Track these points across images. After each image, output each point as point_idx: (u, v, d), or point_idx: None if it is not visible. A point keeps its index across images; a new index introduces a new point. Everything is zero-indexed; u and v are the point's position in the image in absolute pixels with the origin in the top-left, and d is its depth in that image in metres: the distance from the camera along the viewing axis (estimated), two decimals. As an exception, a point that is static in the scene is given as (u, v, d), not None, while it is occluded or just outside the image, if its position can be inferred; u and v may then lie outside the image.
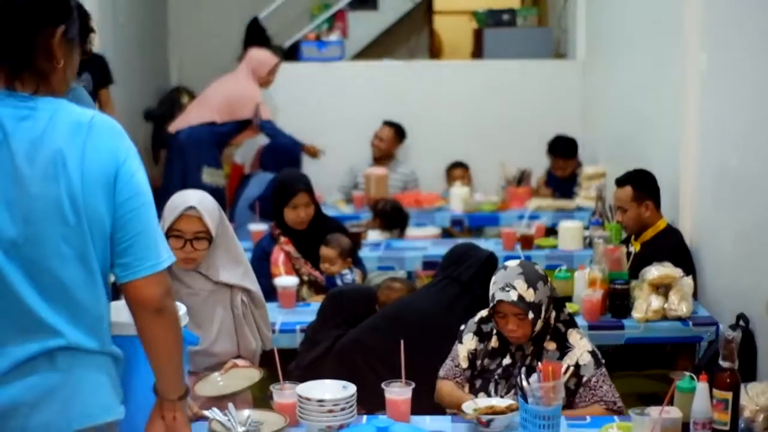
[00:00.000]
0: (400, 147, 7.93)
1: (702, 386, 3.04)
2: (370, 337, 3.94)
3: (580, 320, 4.33)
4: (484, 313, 3.57)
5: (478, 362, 3.49)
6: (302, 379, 3.33)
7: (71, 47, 2.30)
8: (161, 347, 2.34)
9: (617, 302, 4.40)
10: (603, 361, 3.44)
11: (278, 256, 4.97)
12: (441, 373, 3.55)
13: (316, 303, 4.50)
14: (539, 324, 3.37)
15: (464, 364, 3.51)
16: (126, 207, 2.25)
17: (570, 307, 4.37)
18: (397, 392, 3.15)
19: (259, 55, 7.68)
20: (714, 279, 4.66)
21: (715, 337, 4.23)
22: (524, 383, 3.03)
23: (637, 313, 4.33)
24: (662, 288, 4.36)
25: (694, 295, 4.47)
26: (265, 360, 3.63)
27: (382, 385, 3.17)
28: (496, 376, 3.42)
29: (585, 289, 4.42)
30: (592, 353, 3.41)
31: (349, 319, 4.14)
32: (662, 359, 4.99)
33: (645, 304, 4.32)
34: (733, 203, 4.46)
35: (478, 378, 3.47)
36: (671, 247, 4.70)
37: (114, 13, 8.71)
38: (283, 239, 5.02)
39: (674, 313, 4.32)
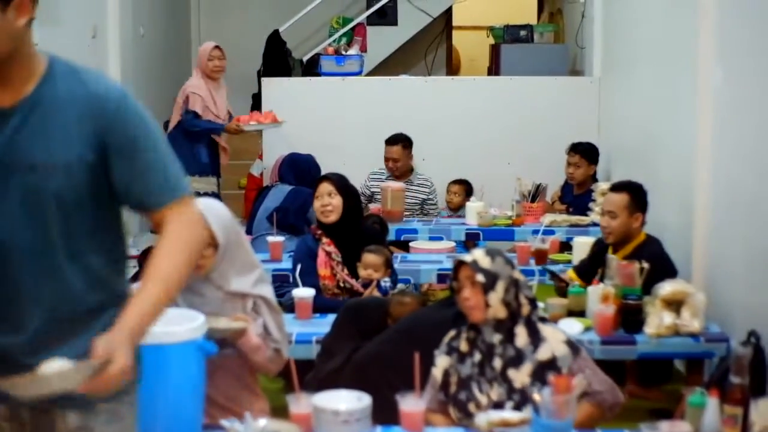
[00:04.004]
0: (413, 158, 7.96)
1: (713, 401, 3.07)
2: (386, 350, 3.96)
3: (592, 335, 4.38)
4: (452, 331, 3.54)
5: (453, 379, 3.44)
6: (319, 390, 3.36)
7: None
8: None
9: (630, 317, 4.43)
10: (580, 347, 3.40)
11: (322, 257, 5.04)
12: (426, 403, 3.39)
13: (332, 315, 4.54)
14: (495, 300, 3.32)
15: (437, 387, 3.48)
16: None
17: (583, 322, 4.43)
18: (412, 404, 3.19)
19: (200, 47, 7.86)
20: (726, 295, 4.68)
21: (726, 353, 4.27)
22: (536, 396, 3.06)
23: (650, 329, 4.36)
24: (674, 304, 4.40)
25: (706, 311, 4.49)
26: (283, 371, 3.67)
27: (396, 397, 3.21)
28: (475, 377, 3.39)
29: (598, 304, 4.45)
30: (567, 342, 3.37)
31: (364, 331, 4.17)
32: (666, 374, 5.04)
33: (657, 320, 4.36)
34: (746, 220, 4.49)
35: (460, 391, 3.42)
36: (652, 257, 4.70)
37: (135, 24, 8.79)
38: (325, 240, 5.07)
39: (686, 329, 4.35)
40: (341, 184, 5.14)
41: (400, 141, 7.72)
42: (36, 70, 2.29)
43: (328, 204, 5.06)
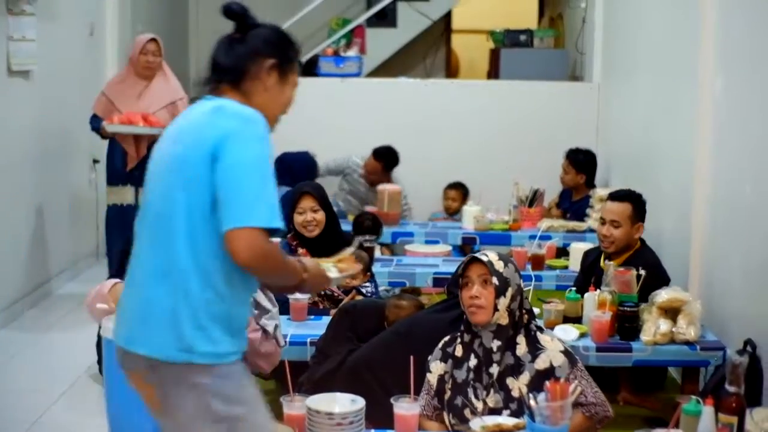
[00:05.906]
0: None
1: (708, 410, 3.06)
2: (381, 353, 3.95)
3: (588, 341, 4.36)
4: (447, 337, 3.54)
5: (448, 385, 3.43)
6: (313, 392, 3.35)
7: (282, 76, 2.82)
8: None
9: (626, 324, 4.40)
10: (577, 358, 3.43)
11: None
12: (421, 409, 3.39)
13: (327, 317, 4.52)
14: (502, 306, 3.34)
15: (432, 392, 3.47)
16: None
17: (579, 329, 4.41)
18: (406, 407, 3.18)
19: (136, 37, 6.92)
20: (722, 304, 4.67)
21: (722, 362, 4.25)
22: (532, 402, 3.05)
23: (646, 336, 4.34)
24: (671, 311, 4.39)
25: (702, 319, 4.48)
26: (276, 372, 3.66)
27: (391, 400, 3.20)
28: (471, 381, 3.38)
29: (594, 310, 4.43)
30: (565, 352, 3.39)
31: (360, 333, 4.16)
32: (659, 381, 5.02)
33: (653, 327, 4.34)
34: (745, 229, 4.47)
35: (456, 396, 3.41)
36: (647, 265, 4.64)
37: (133, 20, 8.79)
38: (300, 250, 5.03)
39: (682, 337, 4.33)
40: (322, 197, 5.09)
41: (383, 159, 7.81)
42: None
43: (312, 220, 5.02)
